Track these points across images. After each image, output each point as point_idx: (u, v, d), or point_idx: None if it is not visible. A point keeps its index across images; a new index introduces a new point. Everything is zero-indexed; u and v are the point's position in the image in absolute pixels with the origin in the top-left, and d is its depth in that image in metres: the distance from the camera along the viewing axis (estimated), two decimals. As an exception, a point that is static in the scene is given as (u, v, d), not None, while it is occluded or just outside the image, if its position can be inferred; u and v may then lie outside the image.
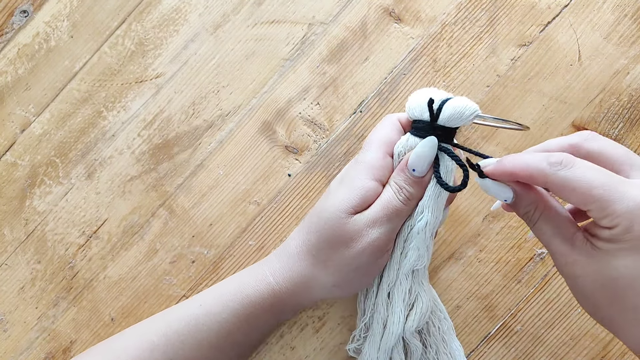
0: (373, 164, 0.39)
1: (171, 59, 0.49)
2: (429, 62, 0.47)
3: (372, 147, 0.39)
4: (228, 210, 0.48)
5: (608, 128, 0.46)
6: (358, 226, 0.37)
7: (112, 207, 0.48)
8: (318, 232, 0.39)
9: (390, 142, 0.39)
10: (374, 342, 0.41)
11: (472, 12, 0.48)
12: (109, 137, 0.48)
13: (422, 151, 0.37)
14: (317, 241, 0.39)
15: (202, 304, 0.41)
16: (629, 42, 0.47)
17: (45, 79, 0.49)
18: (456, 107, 0.37)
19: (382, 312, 0.40)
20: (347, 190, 0.38)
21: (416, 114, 0.38)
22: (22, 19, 0.49)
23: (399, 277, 0.40)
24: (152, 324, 0.42)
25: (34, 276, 0.48)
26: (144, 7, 0.49)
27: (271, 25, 0.49)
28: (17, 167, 0.49)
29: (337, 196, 0.38)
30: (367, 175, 0.38)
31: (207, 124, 0.48)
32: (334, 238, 0.38)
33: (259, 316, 0.40)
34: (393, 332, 0.40)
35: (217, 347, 0.40)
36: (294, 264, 0.40)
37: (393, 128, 0.40)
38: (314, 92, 0.48)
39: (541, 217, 0.34)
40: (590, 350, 0.45)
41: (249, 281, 0.41)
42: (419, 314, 0.40)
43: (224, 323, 0.40)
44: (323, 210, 0.39)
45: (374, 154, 0.39)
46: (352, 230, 0.37)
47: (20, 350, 0.47)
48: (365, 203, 0.38)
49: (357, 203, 0.38)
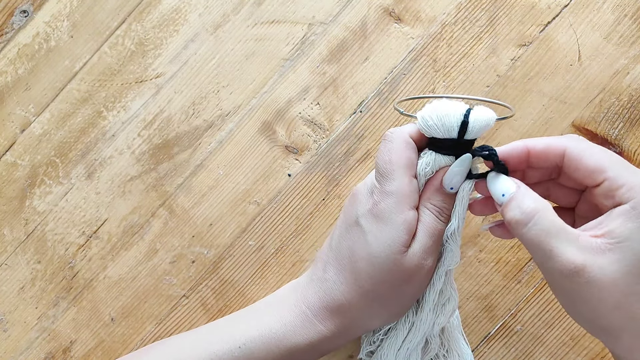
0: (404, 193, 0.36)
1: (171, 59, 0.49)
2: (429, 62, 0.47)
3: (396, 175, 0.36)
4: (228, 210, 0.48)
5: (608, 128, 0.46)
6: (414, 262, 0.36)
7: (112, 207, 0.48)
8: (372, 279, 0.37)
9: (411, 164, 0.37)
10: (394, 343, 0.41)
11: (472, 12, 0.48)
12: (109, 137, 0.48)
13: (459, 170, 0.36)
14: (374, 288, 0.37)
15: (241, 346, 0.39)
16: (629, 42, 0.47)
17: (45, 79, 0.49)
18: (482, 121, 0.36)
19: (410, 314, 0.40)
20: (390, 229, 0.36)
21: (440, 133, 0.36)
22: (22, 19, 0.49)
23: (434, 278, 0.40)
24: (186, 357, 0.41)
25: (34, 276, 0.48)
26: (144, 7, 0.49)
27: (271, 25, 0.49)
28: (17, 167, 0.49)
29: (383, 238, 0.36)
30: (404, 207, 0.36)
31: (207, 124, 0.48)
32: (394, 280, 0.37)
33: (306, 358, 0.40)
34: (421, 330, 0.40)
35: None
36: (348, 313, 0.38)
37: (408, 147, 0.37)
38: (314, 92, 0.48)
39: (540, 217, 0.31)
40: (590, 351, 0.45)
41: (296, 329, 0.39)
42: (450, 312, 0.40)
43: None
44: (372, 254, 0.36)
45: (400, 181, 0.36)
46: (410, 269, 0.36)
47: (20, 350, 0.47)
48: (411, 235, 0.37)
49: (405, 240, 0.36)
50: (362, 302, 0.38)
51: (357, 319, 0.38)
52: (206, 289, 0.47)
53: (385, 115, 0.47)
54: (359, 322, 0.39)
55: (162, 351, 0.43)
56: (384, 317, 0.39)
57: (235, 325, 0.41)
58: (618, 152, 0.46)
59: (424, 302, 0.40)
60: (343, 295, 0.38)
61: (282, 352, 0.39)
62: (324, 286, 0.39)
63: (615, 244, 0.29)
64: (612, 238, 0.30)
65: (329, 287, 0.39)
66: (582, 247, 0.30)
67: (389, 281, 0.37)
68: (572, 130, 0.46)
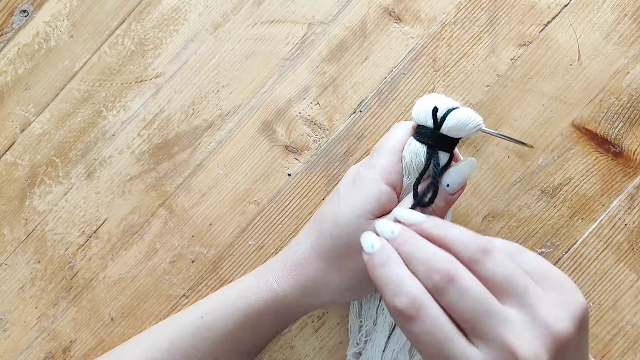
0: (386, 168, 0.38)
1: (171, 59, 0.49)
2: (429, 61, 0.47)
3: (385, 151, 0.39)
4: (228, 210, 0.48)
5: (608, 128, 0.46)
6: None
7: (112, 206, 0.48)
8: (333, 237, 0.38)
9: (402, 148, 0.39)
10: (378, 344, 0.41)
11: (472, 12, 0.48)
12: (108, 137, 0.48)
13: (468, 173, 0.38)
14: (331, 246, 0.38)
15: (204, 315, 0.40)
16: (628, 41, 0.47)
17: (45, 78, 0.49)
18: (460, 119, 0.37)
19: (388, 314, 0.40)
20: (362, 195, 0.38)
21: (421, 120, 0.39)
22: (22, 19, 0.49)
23: None
24: (154, 337, 0.41)
25: (33, 276, 0.48)
26: (143, 6, 0.49)
27: (271, 25, 0.49)
28: (17, 167, 0.49)
29: (352, 201, 0.38)
30: (381, 179, 0.38)
31: (207, 123, 0.48)
32: (351, 243, 0.37)
33: (264, 324, 0.40)
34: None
35: (222, 357, 0.40)
36: (303, 269, 0.39)
37: (405, 133, 0.40)
38: (314, 92, 0.48)
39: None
40: (590, 350, 0.45)
41: (251, 289, 0.40)
42: None
43: (229, 335, 0.39)
44: (338, 215, 0.38)
45: (386, 158, 0.39)
46: None
47: (20, 350, 0.47)
48: (381, 208, 0.37)
49: (374, 208, 0.37)
50: (319, 261, 0.39)
51: (312, 279, 0.39)
52: (206, 288, 0.47)
53: (385, 115, 0.47)
54: (313, 284, 0.39)
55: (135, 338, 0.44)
56: (342, 287, 0.38)
57: (201, 300, 0.43)
58: (618, 151, 0.46)
59: None
60: (302, 252, 0.39)
61: (239, 315, 0.39)
62: (289, 248, 0.41)
63: None
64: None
65: (292, 247, 0.41)
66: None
67: (348, 243, 0.37)
68: (572, 130, 0.46)
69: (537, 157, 0.46)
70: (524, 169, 0.46)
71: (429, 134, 0.38)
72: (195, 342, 0.39)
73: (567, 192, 0.46)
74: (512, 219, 0.46)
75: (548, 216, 0.46)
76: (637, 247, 0.45)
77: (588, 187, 0.46)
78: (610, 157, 0.46)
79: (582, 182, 0.46)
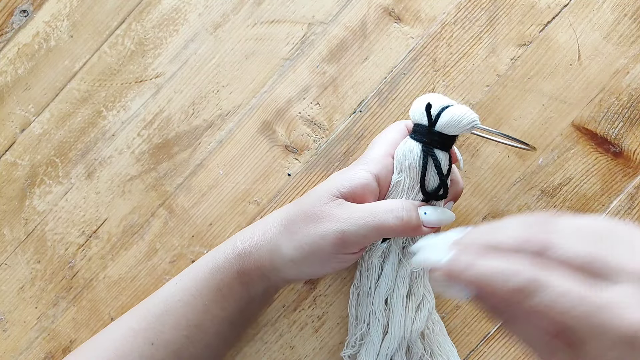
0: (373, 160, 0.40)
1: (171, 59, 0.49)
2: (429, 61, 0.47)
3: (375, 146, 0.41)
4: (228, 210, 0.48)
5: (608, 128, 0.46)
6: (337, 210, 0.38)
7: (112, 206, 0.48)
8: (298, 205, 0.40)
9: (393, 144, 0.41)
10: (372, 348, 0.41)
11: (472, 12, 0.48)
12: (108, 137, 0.48)
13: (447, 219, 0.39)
14: (293, 213, 0.40)
15: (178, 282, 0.42)
16: (628, 41, 0.47)
17: (45, 78, 0.49)
18: (454, 115, 0.37)
19: (381, 319, 0.40)
20: (340, 176, 0.40)
21: (416, 118, 0.39)
22: (21, 19, 0.49)
23: (397, 281, 0.40)
24: (134, 310, 0.42)
25: (33, 276, 0.48)
26: (143, 6, 0.49)
27: (271, 25, 0.49)
28: (16, 167, 0.49)
29: (331, 180, 0.40)
30: (363, 167, 0.39)
31: (207, 123, 0.48)
32: (309, 213, 0.38)
33: (231, 285, 0.40)
34: (396, 336, 0.40)
35: (196, 324, 0.40)
36: (265, 230, 0.40)
37: (399, 131, 0.41)
38: (314, 92, 0.48)
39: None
40: (590, 350, 0.45)
41: (218, 250, 0.42)
42: (425, 316, 0.41)
43: (198, 296, 0.40)
44: (314, 189, 0.40)
45: (375, 151, 0.40)
46: (329, 212, 0.38)
47: (19, 350, 0.47)
48: (355, 191, 0.38)
49: (344, 187, 0.38)
50: (280, 224, 0.40)
51: (268, 239, 0.40)
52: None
53: (385, 115, 0.47)
54: (268, 245, 0.40)
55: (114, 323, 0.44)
56: (287, 255, 0.39)
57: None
58: (618, 151, 0.46)
59: (392, 305, 0.40)
60: (272, 216, 0.41)
61: (206, 276, 0.40)
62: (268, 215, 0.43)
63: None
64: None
65: (266, 218, 0.42)
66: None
67: (305, 212, 0.39)
68: (572, 130, 0.46)
69: (537, 157, 0.46)
70: (524, 169, 0.46)
71: (424, 131, 0.39)
72: (168, 307, 0.41)
73: (567, 192, 0.46)
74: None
75: (548, 216, 0.46)
76: (637, 247, 0.45)
77: (588, 187, 0.46)
78: (610, 157, 0.46)
79: (582, 182, 0.46)
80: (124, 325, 0.42)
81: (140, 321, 0.41)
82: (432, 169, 0.39)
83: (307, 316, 0.46)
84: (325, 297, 0.46)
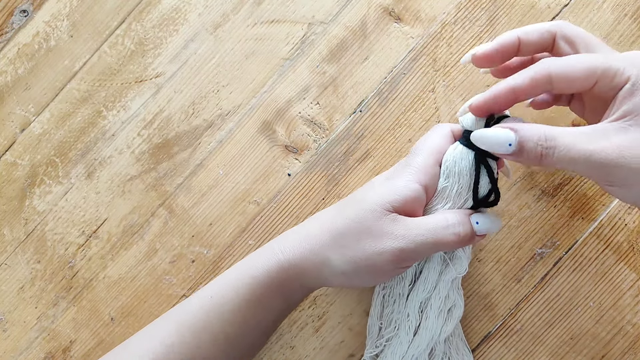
0: (420, 169, 0.38)
1: (171, 59, 0.49)
2: (429, 61, 0.47)
3: (422, 153, 0.39)
4: (228, 209, 0.48)
5: (608, 127, 0.46)
6: (393, 227, 0.37)
7: (111, 206, 0.48)
8: (348, 218, 0.38)
9: (440, 151, 0.39)
10: (399, 350, 0.40)
11: (472, 12, 0.48)
12: (108, 137, 0.48)
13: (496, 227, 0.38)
14: (343, 226, 0.38)
15: (212, 295, 0.40)
16: (629, 41, 0.47)
17: (45, 78, 0.49)
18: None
19: (414, 321, 0.40)
20: (390, 187, 0.38)
21: (469, 124, 0.38)
22: (21, 19, 0.49)
23: (439, 285, 0.40)
24: (165, 324, 0.41)
25: (33, 276, 0.48)
26: (143, 6, 0.49)
27: (271, 24, 0.49)
28: (16, 167, 0.49)
29: (379, 191, 0.38)
30: (413, 177, 0.38)
31: (207, 123, 0.48)
32: (362, 228, 0.37)
33: (271, 297, 0.39)
34: (426, 338, 0.40)
35: (234, 337, 0.40)
36: (309, 241, 0.39)
37: (445, 137, 0.40)
38: (314, 92, 0.48)
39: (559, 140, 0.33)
40: (590, 350, 0.45)
41: (257, 261, 0.40)
42: (457, 319, 0.41)
43: (238, 312, 0.39)
44: (362, 200, 0.38)
45: (423, 159, 0.39)
46: (385, 228, 0.37)
47: (19, 350, 0.47)
48: (406, 204, 0.37)
49: (397, 201, 0.37)
50: (327, 236, 0.39)
51: (315, 252, 0.39)
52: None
53: (385, 115, 0.47)
54: (315, 257, 0.39)
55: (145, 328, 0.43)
56: (338, 269, 0.38)
57: (209, 283, 0.42)
58: (618, 151, 0.46)
59: (428, 308, 0.40)
60: (315, 227, 0.40)
61: (245, 291, 0.39)
62: (303, 223, 0.42)
63: (631, 121, 0.32)
64: (627, 117, 0.32)
65: (308, 221, 0.41)
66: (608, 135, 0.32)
67: (358, 227, 0.37)
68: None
69: (537, 157, 0.46)
70: (524, 169, 0.46)
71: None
72: (205, 323, 0.39)
73: (567, 192, 0.46)
74: (512, 219, 0.46)
75: (548, 216, 0.46)
76: (637, 247, 0.45)
77: (588, 187, 0.46)
78: (611, 156, 0.46)
79: (582, 182, 0.46)
80: (155, 339, 0.40)
81: (175, 336, 0.39)
82: (483, 177, 0.38)
83: (308, 316, 0.46)
84: (326, 296, 0.46)
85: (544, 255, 0.46)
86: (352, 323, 0.46)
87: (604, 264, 0.45)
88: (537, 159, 0.33)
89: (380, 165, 0.47)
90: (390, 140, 0.47)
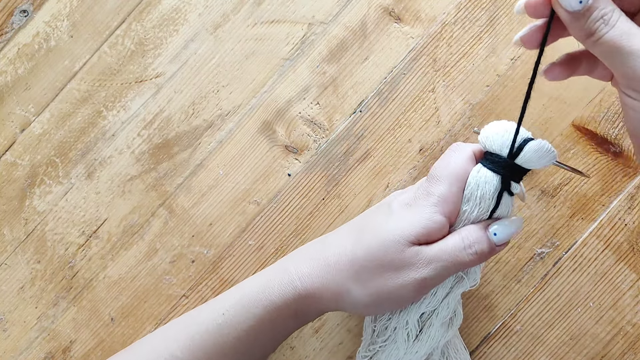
0: (445, 199, 0.37)
1: (171, 59, 0.49)
2: (429, 61, 0.47)
3: (446, 180, 0.37)
4: (228, 210, 0.48)
5: (608, 127, 0.46)
6: (415, 259, 0.36)
7: (112, 206, 0.48)
8: (369, 249, 0.37)
9: (464, 178, 0.37)
10: (395, 354, 0.40)
11: (472, 12, 0.48)
12: (108, 137, 0.48)
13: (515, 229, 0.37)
14: (365, 258, 0.37)
15: (225, 312, 0.40)
16: None
17: (45, 78, 0.49)
18: (539, 152, 0.36)
19: (413, 329, 0.40)
20: (413, 219, 0.37)
21: (493, 147, 0.37)
22: (22, 19, 0.49)
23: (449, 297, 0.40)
24: (173, 335, 0.41)
25: (33, 276, 0.48)
26: (143, 6, 0.49)
27: (271, 25, 0.49)
28: (16, 167, 0.49)
29: (402, 221, 0.37)
30: (437, 209, 0.37)
31: (207, 123, 0.48)
32: (385, 262, 0.36)
33: (284, 320, 0.39)
34: (427, 346, 0.40)
35: (243, 351, 0.40)
36: (330, 271, 0.38)
37: (468, 160, 0.38)
38: (314, 92, 0.48)
39: (621, 19, 0.31)
40: (590, 350, 0.45)
41: (273, 285, 0.39)
42: (456, 329, 0.41)
43: (251, 332, 0.39)
44: (383, 230, 0.37)
45: (446, 187, 0.37)
46: (407, 261, 0.36)
47: (19, 350, 0.47)
48: (429, 237, 0.37)
49: (421, 235, 0.36)
50: (347, 267, 0.38)
51: (336, 282, 0.38)
52: (206, 288, 0.47)
53: (385, 115, 0.47)
54: (336, 288, 0.38)
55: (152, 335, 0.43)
56: (360, 302, 0.38)
57: (220, 296, 0.42)
58: (618, 151, 0.46)
59: (434, 318, 0.40)
60: (334, 254, 0.39)
61: (260, 312, 0.39)
62: (317, 245, 0.40)
63: None
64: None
65: (323, 245, 0.40)
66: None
67: (381, 261, 0.37)
68: (572, 130, 0.46)
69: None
70: (524, 169, 0.46)
71: (502, 163, 0.37)
72: (216, 340, 0.39)
73: (567, 192, 0.46)
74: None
75: (548, 216, 0.46)
76: (637, 247, 0.45)
77: (588, 187, 0.46)
78: (610, 157, 0.46)
79: (582, 182, 0.46)
80: (164, 351, 0.40)
81: (184, 350, 0.39)
82: (505, 200, 0.37)
83: (307, 316, 0.46)
84: (326, 297, 0.46)
85: (543, 255, 0.46)
86: (351, 325, 0.46)
87: (604, 264, 0.45)
88: (589, 32, 0.32)
89: (380, 165, 0.47)
90: (390, 141, 0.47)
